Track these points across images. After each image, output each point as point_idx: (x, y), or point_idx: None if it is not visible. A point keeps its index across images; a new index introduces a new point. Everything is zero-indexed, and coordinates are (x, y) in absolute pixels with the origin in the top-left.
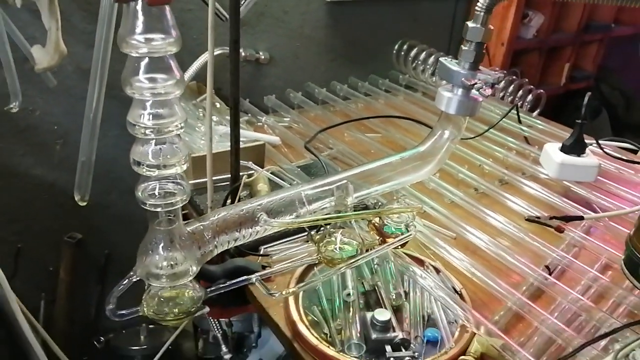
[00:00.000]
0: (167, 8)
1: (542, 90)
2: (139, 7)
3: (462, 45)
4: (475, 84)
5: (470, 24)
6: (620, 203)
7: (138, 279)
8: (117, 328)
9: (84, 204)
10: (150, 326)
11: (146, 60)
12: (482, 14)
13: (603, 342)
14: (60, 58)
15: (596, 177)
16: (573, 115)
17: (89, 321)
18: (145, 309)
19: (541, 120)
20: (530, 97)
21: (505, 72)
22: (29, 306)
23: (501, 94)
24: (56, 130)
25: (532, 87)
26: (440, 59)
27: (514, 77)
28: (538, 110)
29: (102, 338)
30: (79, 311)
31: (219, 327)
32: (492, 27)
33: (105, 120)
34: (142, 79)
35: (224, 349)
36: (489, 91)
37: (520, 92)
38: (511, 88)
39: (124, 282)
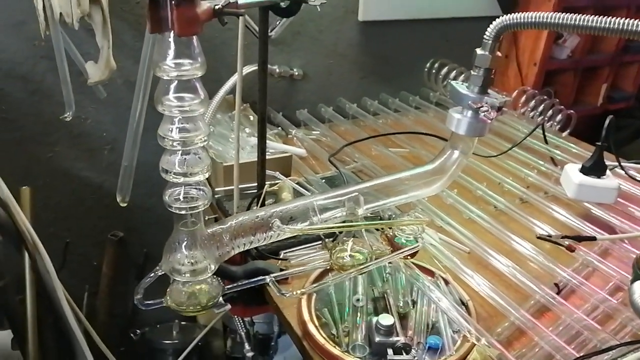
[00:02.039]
0: (195, 38)
1: (572, 111)
2: (170, 37)
3: (471, 71)
4: (482, 107)
5: (479, 51)
6: None
7: (163, 273)
8: (152, 323)
9: (125, 205)
10: (183, 323)
11: (175, 82)
12: (489, 42)
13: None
14: (110, 73)
15: (616, 199)
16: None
17: (127, 314)
18: (168, 300)
19: (570, 141)
20: (560, 117)
21: (536, 91)
22: (73, 297)
23: (531, 114)
24: (105, 137)
25: (562, 107)
26: (451, 82)
27: (545, 97)
28: (568, 130)
29: (138, 331)
30: (119, 304)
31: (242, 326)
32: (499, 54)
33: (148, 129)
34: (171, 98)
35: (246, 346)
36: (493, 114)
37: (550, 112)
38: (541, 107)
39: (151, 276)
